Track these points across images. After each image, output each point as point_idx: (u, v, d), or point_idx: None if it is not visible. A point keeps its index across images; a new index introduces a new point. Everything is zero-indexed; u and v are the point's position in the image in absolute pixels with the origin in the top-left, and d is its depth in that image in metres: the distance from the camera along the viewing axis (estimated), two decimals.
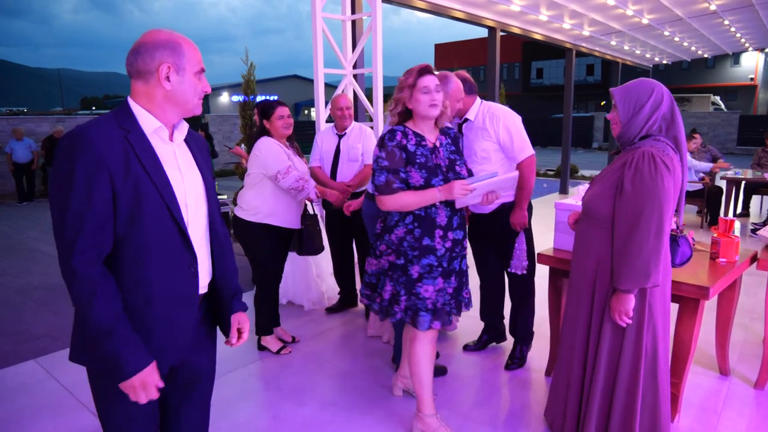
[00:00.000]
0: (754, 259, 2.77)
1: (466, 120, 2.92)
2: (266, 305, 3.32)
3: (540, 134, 24.21)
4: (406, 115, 2.30)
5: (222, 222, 1.55)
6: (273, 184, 3.12)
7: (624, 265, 1.88)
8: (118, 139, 1.27)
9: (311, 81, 4.79)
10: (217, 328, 1.62)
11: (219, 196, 7.02)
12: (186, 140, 1.46)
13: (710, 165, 6.79)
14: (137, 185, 1.27)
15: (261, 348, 3.36)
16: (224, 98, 36.53)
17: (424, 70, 2.24)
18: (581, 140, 24.30)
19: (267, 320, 3.34)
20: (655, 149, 1.89)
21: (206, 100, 37.53)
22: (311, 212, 3.34)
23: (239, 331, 1.61)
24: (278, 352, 3.31)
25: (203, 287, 1.49)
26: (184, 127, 1.45)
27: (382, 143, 2.24)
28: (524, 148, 2.84)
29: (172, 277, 1.37)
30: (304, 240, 3.28)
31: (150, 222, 1.30)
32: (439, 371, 3.00)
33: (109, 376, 1.31)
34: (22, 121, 12.31)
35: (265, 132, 3.17)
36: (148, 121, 1.34)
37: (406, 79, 2.23)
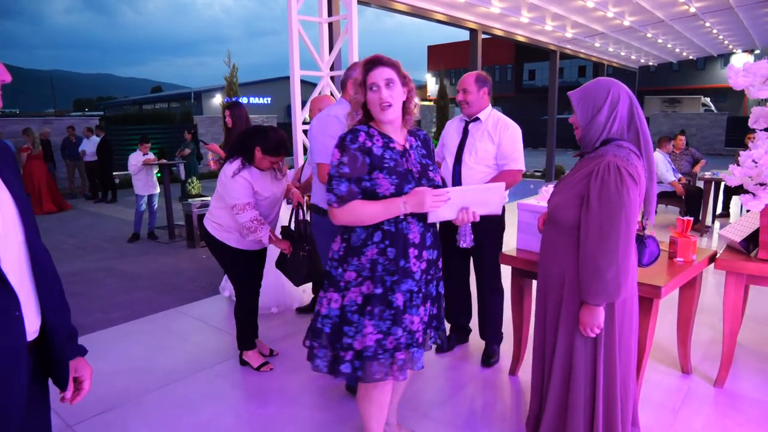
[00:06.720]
0: (712, 258, 2.80)
1: (476, 119, 3.02)
2: (245, 318, 3.16)
3: (529, 135, 24.25)
4: (370, 113, 1.94)
5: (45, 251, 1.28)
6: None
7: (594, 281, 1.83)
8: None
9: (304, 83, 4.83)
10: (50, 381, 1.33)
11: (201, 199, 7.01)
12: None
13: (676, 177, 6.79)
14: None
15: (243, 363, 3.21)
16: (217, 100, 36.49)
17: (372, 63, 1.89)
18: (570, 141, 24.23)
19: (247, 333, 3.19)
20: (620, 159, 1.84)
21: (199, 101, 37.61)
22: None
23: (76, 381, 1.35)
24: (258, 368, 3.15)
25: (31, 333, 1.20)
26: None
27: (342, 146, 1.87)
28: (520, 159, 3.01)
29: None
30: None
31: None
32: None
33: None
34: (8, 123, 12.16)
35: (248, 155, 2.86)
36: None
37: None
